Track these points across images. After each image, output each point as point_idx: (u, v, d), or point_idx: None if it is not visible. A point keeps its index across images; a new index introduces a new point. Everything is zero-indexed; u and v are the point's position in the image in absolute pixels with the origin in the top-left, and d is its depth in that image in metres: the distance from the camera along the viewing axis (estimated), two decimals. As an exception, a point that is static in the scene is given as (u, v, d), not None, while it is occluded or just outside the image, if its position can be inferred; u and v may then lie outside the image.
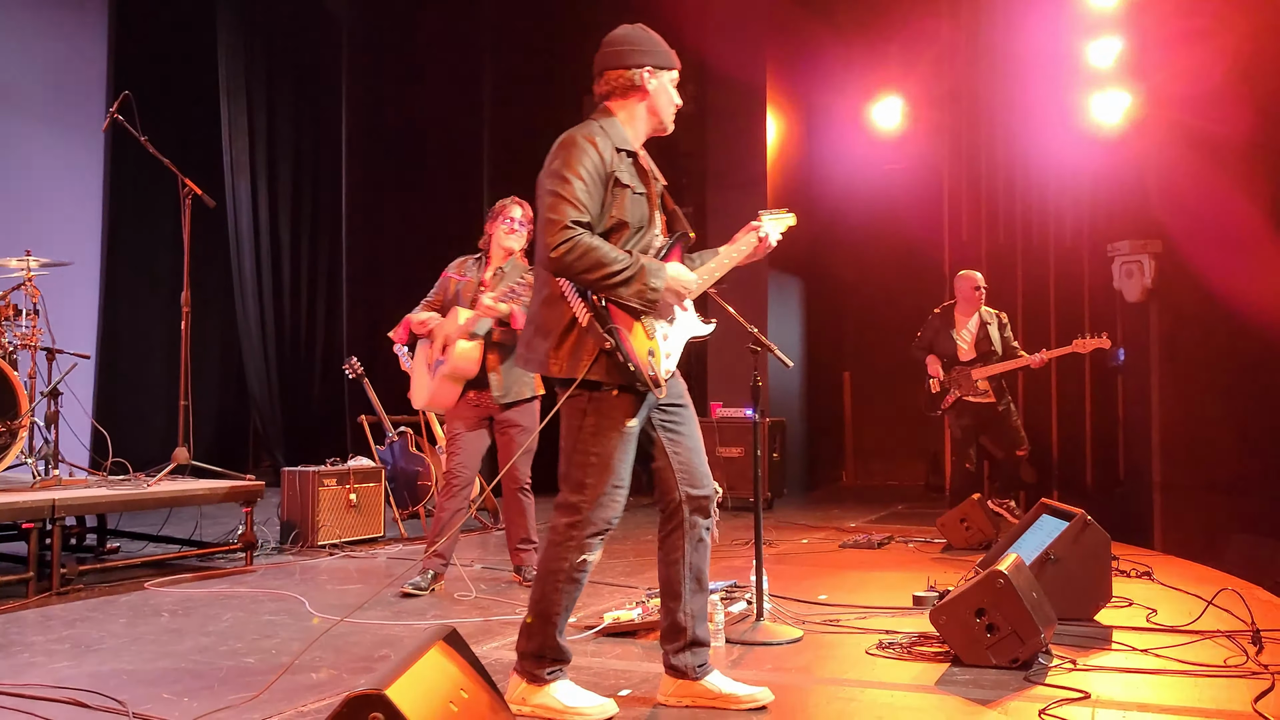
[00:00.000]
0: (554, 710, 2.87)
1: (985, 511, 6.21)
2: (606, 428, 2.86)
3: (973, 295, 7.33)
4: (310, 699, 3.09)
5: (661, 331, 2.92)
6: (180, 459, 5.52)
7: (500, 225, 4.94)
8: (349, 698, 1.83)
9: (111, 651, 3.69)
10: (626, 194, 2.87)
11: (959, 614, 3.46)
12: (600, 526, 2.90)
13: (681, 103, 3.08)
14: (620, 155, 2.89)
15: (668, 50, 3.03)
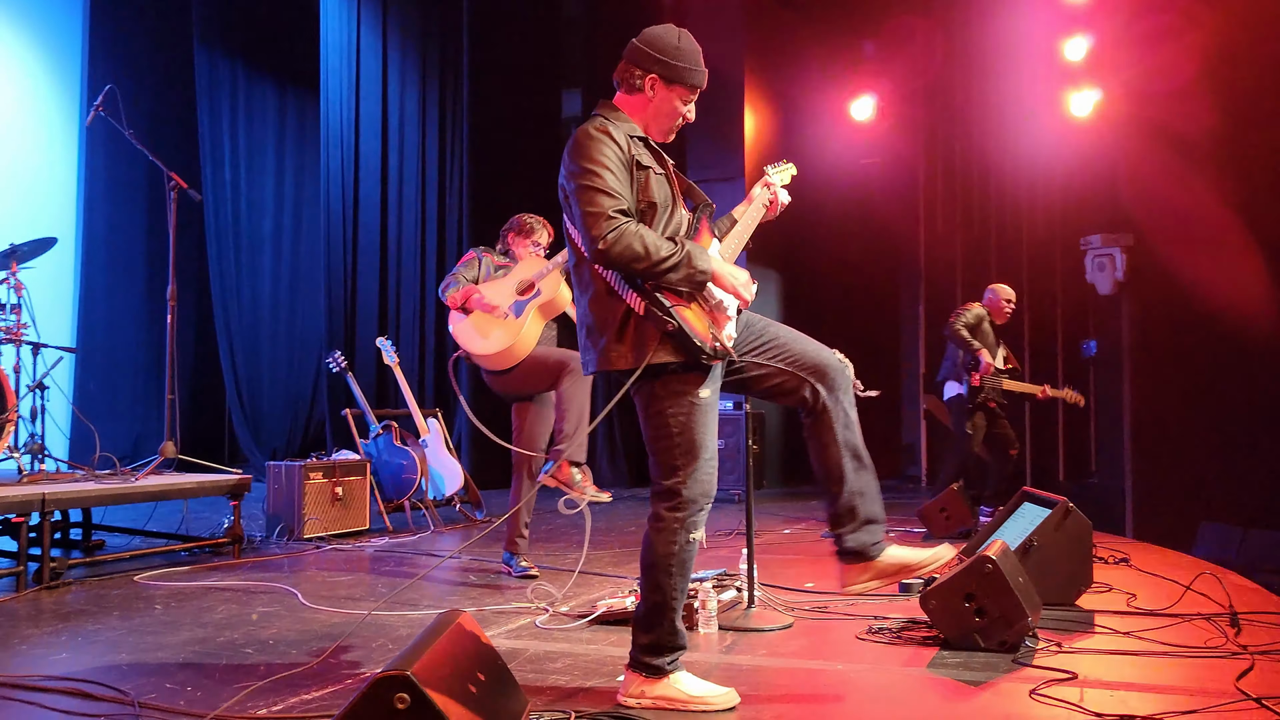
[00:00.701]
0: (678, 700, 2.84)
1: (965, 501, 6.31)
2: (683, 407, 2.85)
3: (1003, 308, 7.35)
4: (312, 688, 3.12)
5: (713, 300, 2.89)
6: (168, 453, 5.51)
7: (529, 246, 5.07)
8: (375, 679, 1.88)
9: (108, 643, 3.70)
10: (650, 175, 2.90)
11: (948, 599, 3.54)
12: (700, 503, 2.90)
13: (690, 119, 3.06)
14: (634, 140, 2.92)
15: (689, 67, 2.96)
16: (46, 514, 4.67)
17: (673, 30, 3.03)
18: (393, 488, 6.81)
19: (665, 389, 2.85)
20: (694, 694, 2.86)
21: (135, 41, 9.71)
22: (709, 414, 2.91)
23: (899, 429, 10.95)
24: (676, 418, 2.85)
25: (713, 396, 2.92)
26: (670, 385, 2.85)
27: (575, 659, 3.43)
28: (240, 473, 5.71)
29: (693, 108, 3.04)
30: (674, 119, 3.01)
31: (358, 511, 6.48)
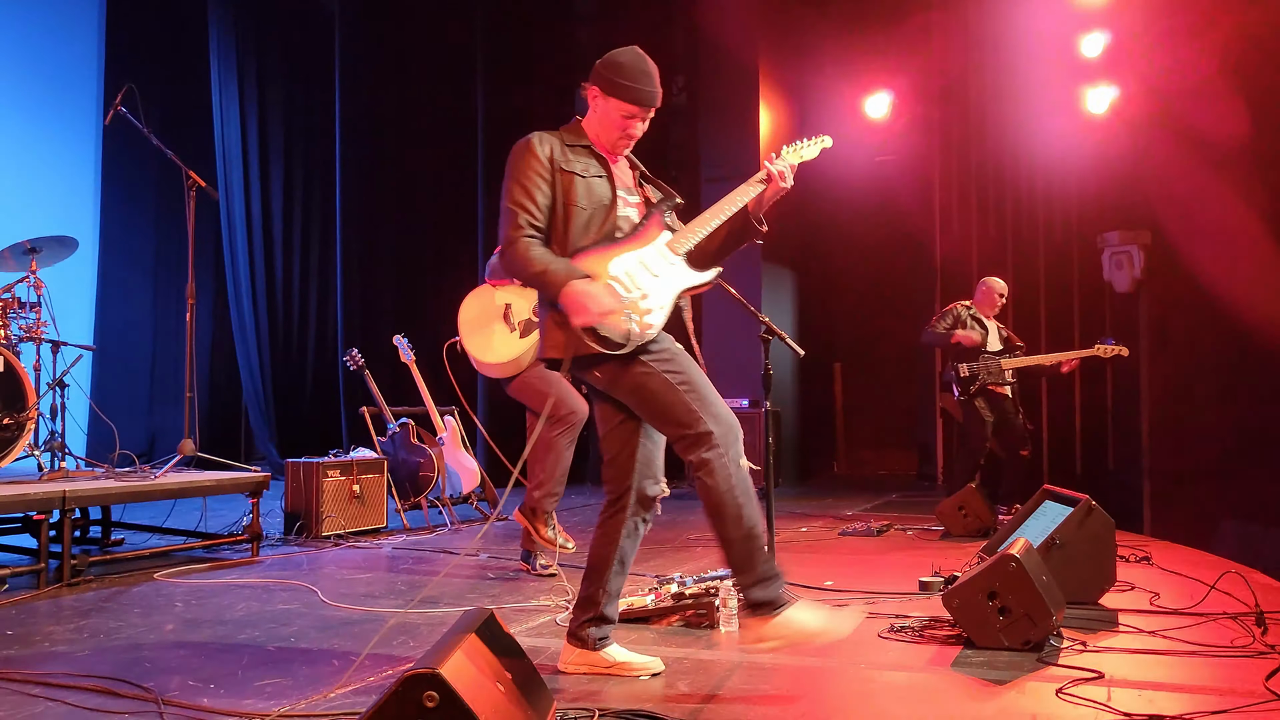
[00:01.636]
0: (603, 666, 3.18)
1: (983, 499, 6.28)
2: (646, 376, 3.03)
3: (996, 301, 7.36)
4: (335, 685, 3.11)
5: (639, 291, 3.07)
6: (186, 450, 5.52)
7: None
8: (404, 677, 1.87)
9: (131, 641, 3.71)
10: (575, 180, 3.12)
11: (971, 597, 3.52)
12: (733, 433, 3.06)
13: (635, 135, 3.20)
14: (568, 149, 3.15)
15: (630, 84, 3.12)
16: (67, 511, 4.68)
17: (628, 50, 3.21)
18: (410, 486, 6.82)
19: (623, 369, 3.04)
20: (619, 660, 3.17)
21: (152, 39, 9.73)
22: (683, 359, 3.10)
23: (914, 428, 10.91)
24: (652, 386, 3.03)
25: (673, 347, 3.12)
26: (627, 365, 3.04)
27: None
28: (259, 470, 5.71)
29: (641, 126, 3.19)
30: (617, 131, 3.18)
31: (375, 509, 6.49)
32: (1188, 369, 7.80)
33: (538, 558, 5.00)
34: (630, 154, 3.35)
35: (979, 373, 7.11)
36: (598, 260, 3.09)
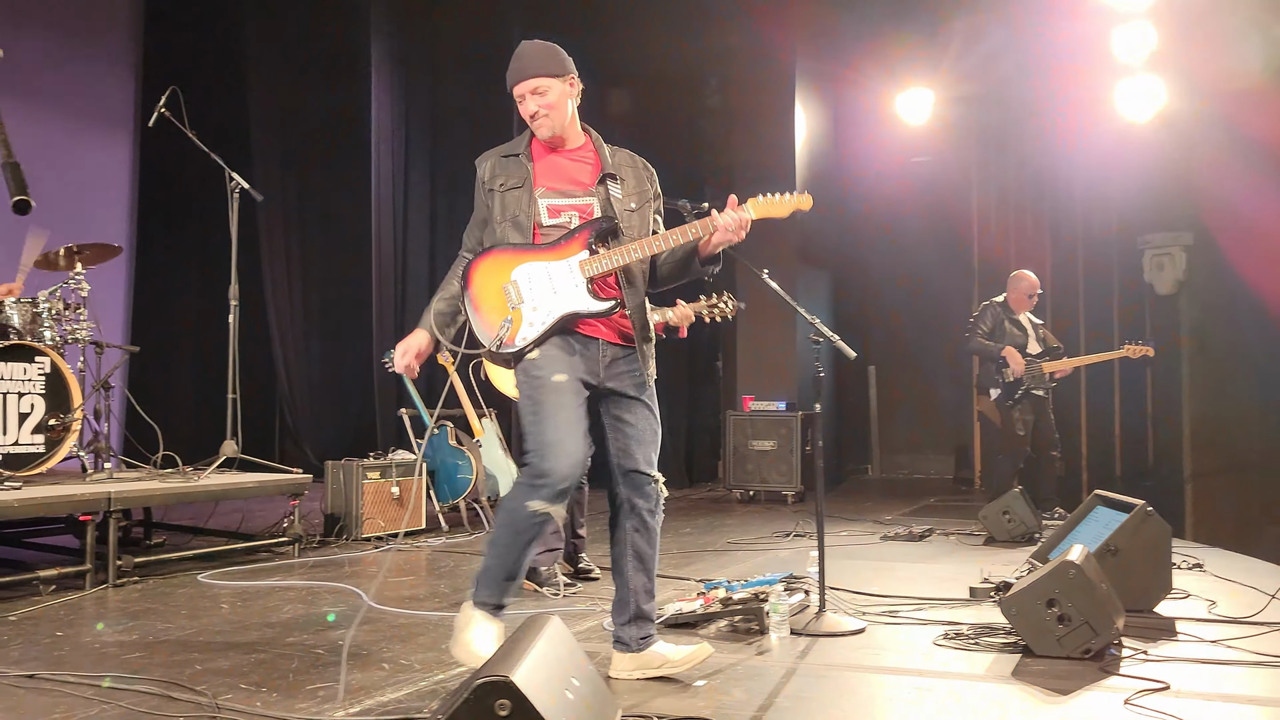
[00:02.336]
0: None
1: (1027, 503, 6.20)
2: (535, 387, 3.07)
3: (1029, 300, 7.29)
4: (387, 689, 3.10)
5: (531, 303, 3.10)
6: (228, 451, 5.53)
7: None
8: (477, 684, 1.84)
9: (180, 642, 3.70)
10: (495, 197, 3.22)
11: (1030, 605, 3.46)
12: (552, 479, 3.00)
13: (531, 114, 3.19)
14: (503, 160, 3.27)
15: (508, 72, 3.24)
16: (113, 512, 4.69)
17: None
18: (448, 488, 6.80)
19: (517, 374, 3.14)
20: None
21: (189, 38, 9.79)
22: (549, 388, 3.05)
23: (950, 431, 10.81)
24: (525, 397, 3.10)
25: (567, 380, 3.07)
26: (527, 369, 3.10)
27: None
28: (300, 472, 5.72)
29: (528, 101, 3.18)
30: (524, 117, 3.24)
31: (414, 511, 6.48)
32: (1228, 370, 7.69)
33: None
34: (607, 147, 3.33)
35: (1024, 379, 7.04)
36: (507, 260, 3.15)
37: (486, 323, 3.11)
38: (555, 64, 3.22)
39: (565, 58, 3.25)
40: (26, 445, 5.04)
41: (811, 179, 9.89)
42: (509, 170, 3.24)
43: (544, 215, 3.19)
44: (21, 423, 5.03)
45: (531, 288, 3.12)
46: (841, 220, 10.50)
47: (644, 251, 3.16)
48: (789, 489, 8.57)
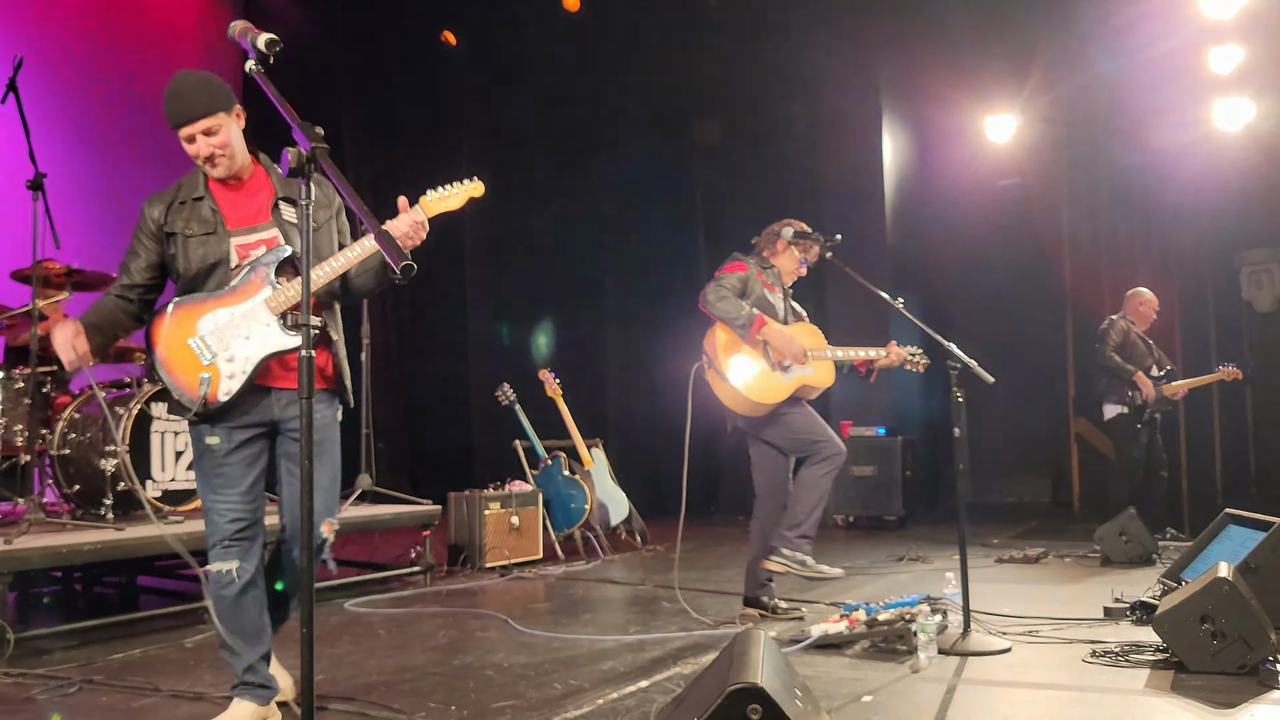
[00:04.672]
0: None
1: (1144, 524, 6.20)
2: (195, 450, 3.11)
3: (1150, 315, 7.32)
4: (568, 708, 3.25)
5: (226, 354, 3.01)
6: (364, 485, 5.76)
7: (799, 263, 4.91)
8: (730, 691, 1.98)
9: (354, 666, 3.90)
10: (180, 241, 3.07)
11: (1182, 621, 3.52)
12: (214, 539, 3.11)
13: (202, 154, 3.02)
14: (182, 206, 3.09)
15: (167, 111, 3.00)
16: (267, 544, 4.91)
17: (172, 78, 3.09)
18: (563, 517, 6.98)
19: (193, 435, 3.11)
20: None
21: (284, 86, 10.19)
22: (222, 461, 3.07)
23: (1045, 453, 10.76)
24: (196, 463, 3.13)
25: (221, 445, 3.06)
26: (194, 431, 3.10)
27: (809, 681, 3.50)
28: (429, 503, 5.93)
29: (200, 142, 3.00)
30: (194, 158, 3.06)
31: (531, 540, 6.66)
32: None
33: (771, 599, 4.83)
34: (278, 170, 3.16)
35: (1150, 403, 7.05)
36: (189, 314, 3.04)
37: (185, 384, 3.00)
38: (222, 98, 3.01)
39: (227, 88, 3.05)
40: (183, 482, 5.31)
41: (899, 202, 9.99)
42: (194, 216, 3.07)
43: (234, 257, 3.07)
44: (177, 460, 5.31)
45: (221, 337, 3.01)
46: (928, 242, 10.56)
47: (329, 275, 3.04)
48: (891, 514, 8.62)
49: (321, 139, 2.17)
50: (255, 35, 2.43)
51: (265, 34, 2.41)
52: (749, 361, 4.61)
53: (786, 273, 4.90)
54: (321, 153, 2.16)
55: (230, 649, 3.09)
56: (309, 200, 2.16)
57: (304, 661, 2.20)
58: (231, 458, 3.06)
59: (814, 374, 4.70)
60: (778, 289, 4.85)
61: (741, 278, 4.69)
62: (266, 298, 3.02)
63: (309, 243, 2.22)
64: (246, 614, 3.11)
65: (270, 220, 3.11)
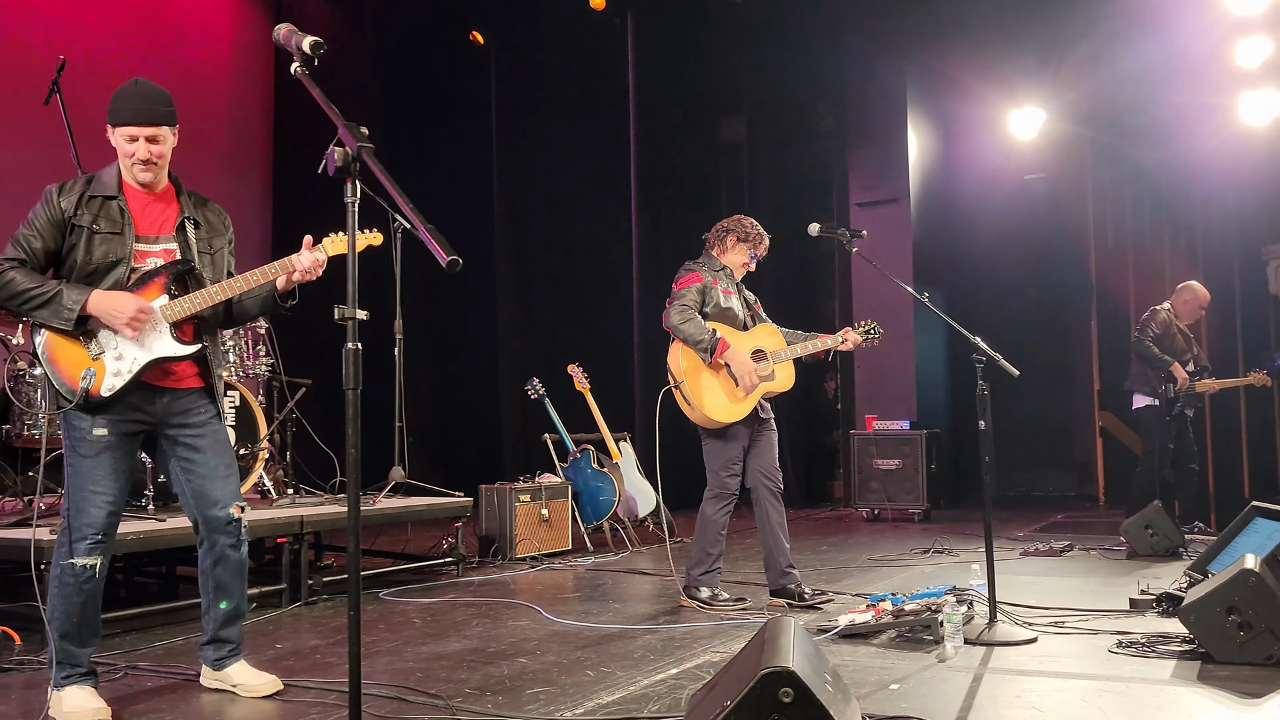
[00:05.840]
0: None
1: (1170, 518, 6.22)
2: (75, 440, 3.15)
3: (1199, 311, 7.30)
4: (603, 693, 3.32)
5: (114, 351, 3.16)
6: (396, 477, 5.85)
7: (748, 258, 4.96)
8: (762, 674, 2.05)
9: (390, 654, 3.98)
10: (84, 234, 3.15)
11: (1209, 612, 3.56)
12: (84, 532, 3.14)
13: (139, 156, 3.17)
14: (93, 200, 3.18)
15: (118, 108, 3.16)
16: (304, 535, 5.03)
17: (127, 82, 3.23)
18: (592, 509, 7.06)
19: (65, 424, 3.18)
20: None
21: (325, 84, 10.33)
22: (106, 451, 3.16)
23: (1069, 447, 10.76)
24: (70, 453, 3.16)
25: (107, 435, 3.16)
26: (69, 421, 3.17)
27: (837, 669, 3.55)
28: (461, 495, 6.02)
29: (141, 145, 3.17)
30: (125, 156, 3.21)
31: (560, 532, 6.75)
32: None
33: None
34: (186, 191, 3.37)
35: (1181, 396, 7.04)
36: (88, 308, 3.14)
37: (66, 375, 3.11)
38: (173, 114, 3.23)
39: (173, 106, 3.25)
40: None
41: (923, 197, 10.01)
42: (103, 213, 3.18)
43: (132, 260, 3.21)
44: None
45: (112, 335, 3.15)
46: (953, 237, 10.58)
47: (226, 294, 3.27)
48: (915, 507, 8.66)
49: (367, 139, 2.25)
50: (300, 38, 2.51)
51: (310, 37, 2.50)
52: (714, 381, 4.76)
53: (736, 267, 5.01)
54: (367, 152, 2.23)
55: (72, 642, 3.15)
56: (355, 198, 2.22)
57: (351, 645, 2.25)
58: (116, 450, 3.18)
59: (774, 380, 4.87)
60: (732, 290, 4.96)
61: (699, 289, 4.81)
62: (162, 305, 3.21)
63: (354, 242, 2.29)
64: (95, 608, 3.21)
65: (173, 235, 3.29)
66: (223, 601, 3.39)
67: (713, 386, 4.74)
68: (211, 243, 3.38)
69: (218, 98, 9.83)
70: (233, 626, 3.43)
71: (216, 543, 3.32)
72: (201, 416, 3.32)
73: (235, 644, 3.44)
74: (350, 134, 2.26)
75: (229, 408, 5.47)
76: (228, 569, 3.36)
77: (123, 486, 3.23)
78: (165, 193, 3.32)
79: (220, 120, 9.81)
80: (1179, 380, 7.00)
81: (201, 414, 3.33)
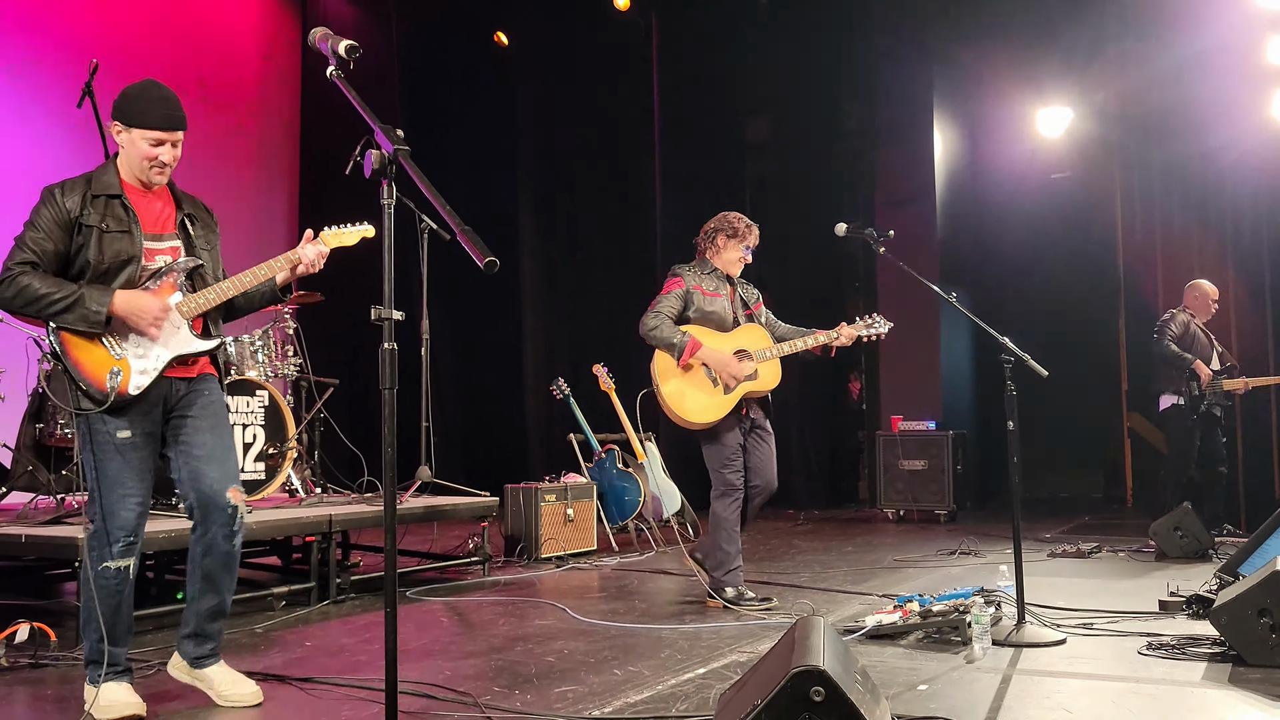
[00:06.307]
0: None
1: (1199, 520, 6.17)
2: (99, 444, 3.12)
3: (1210, 306, 7.27)
4: (629, 692, 3.34)
5: (137, 349, 3.16)
6: (424, 477, 5.89)
7: (740, 254, 4.97)
8: (794, 673, 2.06)
9: (420, 652, 4.01)
10: (94, 234, 3.13)
11: (1240, 614, 3.53)
12: (117, 535, 3.13)
13: (163, 159, 3.19)
14: (97, 200, 3.16)
15: (143, 110, 3.15)
16: (332, 534, 5.07)
17: (140, 82, 3.23)
18: (617, 510, 7.08)
19: (87, 428, 3.14)
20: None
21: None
22: (129, 452, 3.14)
23: (1097, 447, 10.68)
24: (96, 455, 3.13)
25: (131, 435, 3.15)
26: (91, 424, 3.13)
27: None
28: (487, 495, 6.05)
29: (166, 149, 3.19)
30: (142, 159, 3.19)
31: (585, 532, 6.77)
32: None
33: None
34: (178, 189, 3.37)
35: (1207, 395, 6.99)
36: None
37: (92, 376, 3.09)
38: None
39: None
40: (251, 473, 5.47)
41: (950, 196, 9.96)
42: (109, 212, 3.17)
43: (143, 259, 3.22)
44: (245, 452, 5.47)
45: (133, 334, 3.16)
46: (980, 236, 10.53)
47: (238, 289, 3.30)
48: (941, 508, 8.62)
49: (403, 141, 2.27)
50: (336, 41, 2.53)
51: (345, 40, 2.52)
52: (690, 384, 4.79)
53: (732, 265, 5.01)
54: (403, 154, 2.25)
55: (108, 641, 3.13)
56: (391, 200, 2.24)
57: (387, 642, 2.27)
58: (141, 449, 3.18)
59: (758, 379, 4.85)
60: (720, 293, 4.95)
61: (680, 295, 4.86)
62: (178, 302, 3.23)
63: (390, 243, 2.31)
64: (129, 607, 3.24)
65: (175, 232, 3.31)
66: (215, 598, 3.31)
67: (689, 389, 4.78)
68: (209, 239, 3.41)
69: (245, 98, 9.92)
70: (215, 622, 3.34)
71: (209, 529, 3.22)
72: (205, 398, 3.32)
73: (217, 642, 3.36)
74: (387, 137, 2.29)
75: (258, 407, 5.52)
76: (216, 559, 3.25)
77: (150, 484, 3.24)
78: (160, 190, 3.32)
79: (247, 120, 9.90)
80: (1202, 378, 6.95)
81: (205, 395, 3.33)
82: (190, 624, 3.32)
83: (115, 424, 3.13)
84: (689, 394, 4.77)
